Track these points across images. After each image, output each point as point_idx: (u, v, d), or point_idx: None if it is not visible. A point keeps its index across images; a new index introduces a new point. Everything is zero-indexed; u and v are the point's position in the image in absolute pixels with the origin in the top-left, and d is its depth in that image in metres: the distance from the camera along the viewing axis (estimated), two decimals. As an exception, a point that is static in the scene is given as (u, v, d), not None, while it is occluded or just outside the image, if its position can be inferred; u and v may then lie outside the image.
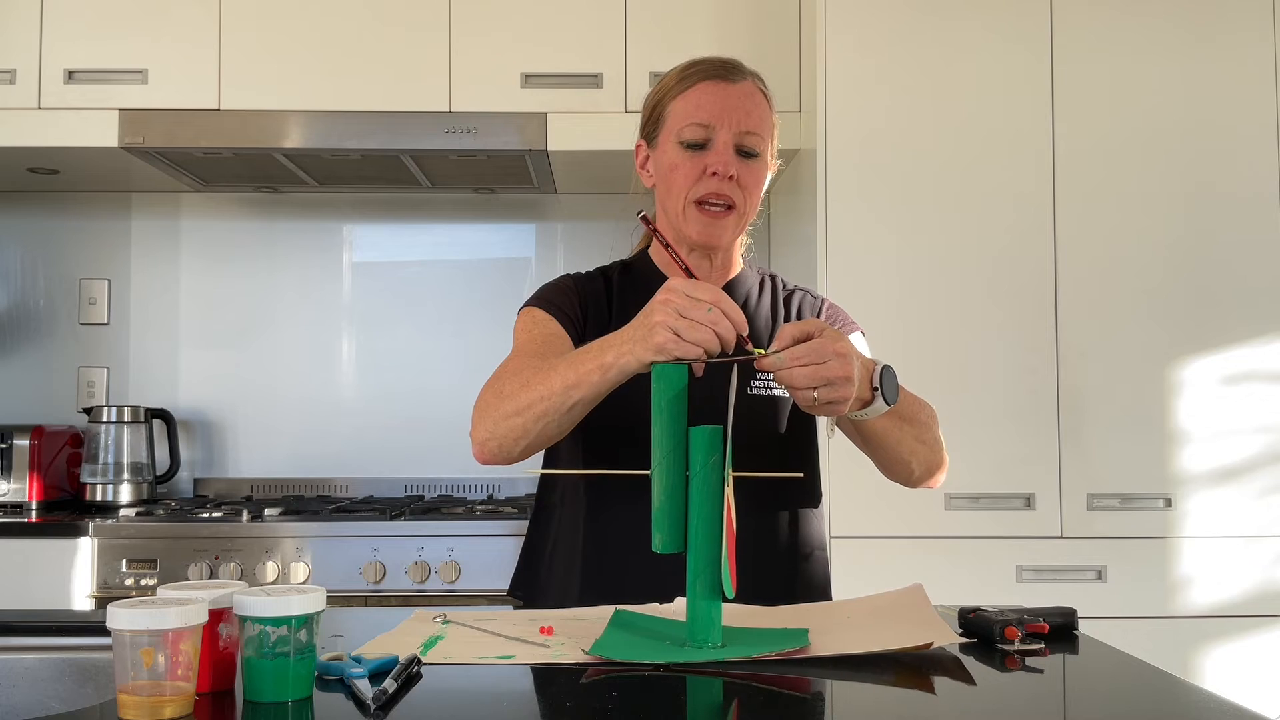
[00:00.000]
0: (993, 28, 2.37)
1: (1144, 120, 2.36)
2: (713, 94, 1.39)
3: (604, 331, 1.38)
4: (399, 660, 0.98)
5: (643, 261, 1.55)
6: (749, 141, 1.39)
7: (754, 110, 1.40)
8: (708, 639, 1.06)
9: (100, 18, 2.61)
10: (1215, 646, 2.26)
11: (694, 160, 1.39)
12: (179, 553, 2.37)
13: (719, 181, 1.38)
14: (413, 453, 3.00)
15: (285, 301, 3.04)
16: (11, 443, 2.68)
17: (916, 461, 1.41)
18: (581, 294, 1.48)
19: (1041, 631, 1.13)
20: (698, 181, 1.39)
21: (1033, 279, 2.34)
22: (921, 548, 2.28)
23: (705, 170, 1.39)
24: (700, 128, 1.39)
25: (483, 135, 2.58)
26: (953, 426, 2.31)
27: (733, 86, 1.40)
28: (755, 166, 1.41)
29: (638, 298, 1.49)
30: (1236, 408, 2.31)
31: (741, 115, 1.39)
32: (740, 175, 1.39)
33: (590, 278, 1.53)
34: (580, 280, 1.52)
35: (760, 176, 1.43)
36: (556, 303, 1.45)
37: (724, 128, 1.39)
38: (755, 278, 1.56)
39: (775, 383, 1.43)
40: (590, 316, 1.45)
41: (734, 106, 1.39)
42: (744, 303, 1.51)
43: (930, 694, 0.96)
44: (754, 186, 1.42)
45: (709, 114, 1.39)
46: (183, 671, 0.85)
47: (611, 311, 1.48)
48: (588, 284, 1.51)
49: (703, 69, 1.42)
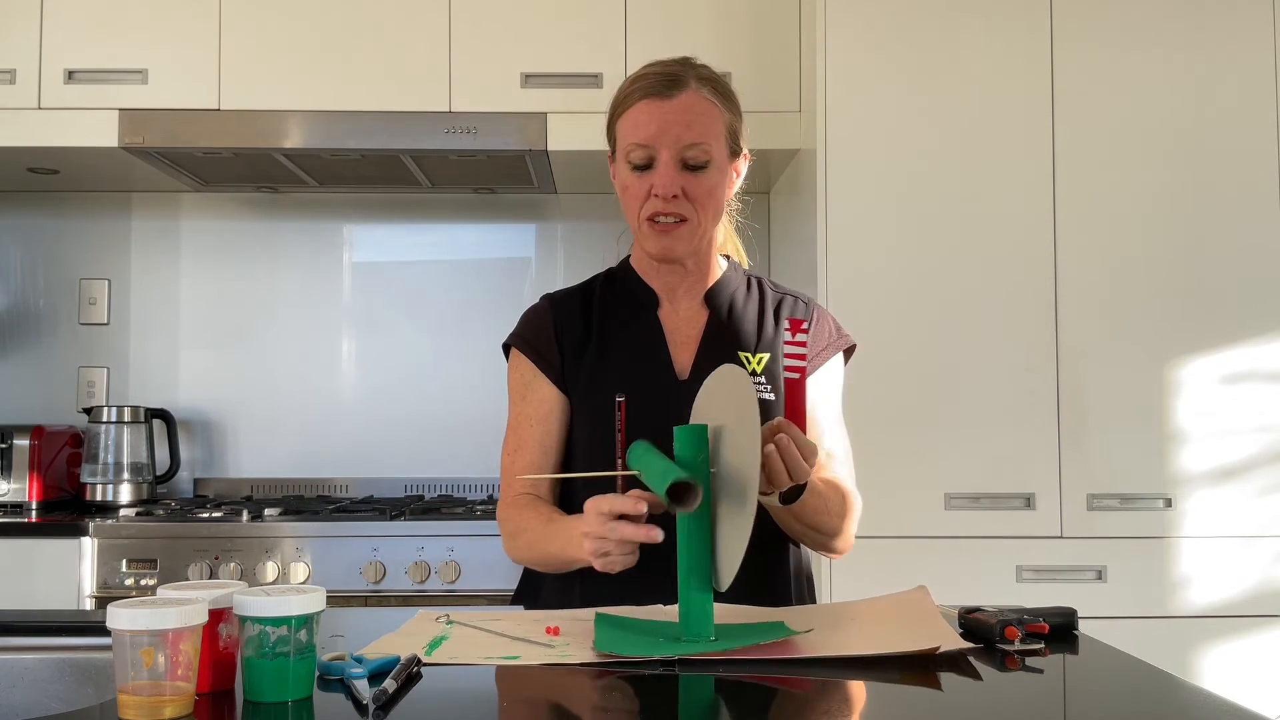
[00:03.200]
0: (993, 27, 2.36)
1: (1144, 119, 2.36)
2: (649, 113, 1.39)
3: (581, 354, 1.48)
4: (399, 660, 0.98)
5: (625, 270, 1.56)
6: (691, 155, 1.39)
7: (695, 122, 1.39)
8: (701, 632, 1.07)
9: (100, 18, 2.61)
10: (1215, 646, 2.26)
11: (641, 180, 1.41)
12: (179, 553, 2.37)
13: (664, 201, 1.40)
14: (413, 453, 2.99)
15: (285, 301, 3.04)
16: (11, 443, 2.68)
17: (807, 541, 1.48)
18: (556, 324, 1.51)
19: (1041, 631, 1.13)
20: (646, 200, 1.41)
21: (1033, 279, 2.34)
22: (921, 548, 2.28)
23: (650, 190, 1.40)
24: (641, 149, 1.40)
25: (483, 135, 2.58)
26: (953, 426, 2.32)
27: (668, 103, 1.39)
28: (703, 177, 1.41)
29: (618, 309, 1.52)
30: (1237, 407, 2.31)
31: (680, 130, 1.38)
32: (687, 189, 1.40)
33: (568, 297, 1.55)
34: (557, 304, 1.54)
35: (710, 184, 1.42)
36: (534, 344, 1.51)
37: (664, 147, 1.39)
38: (740, 280, 1.55)
39: (767, 386, 1.46)
40: (566, 344, 1.50)
41: (671, 123, 1.38)
42: (728, 306, 1.51)
43: (934, 691, 0.96)
44: (704, 197, 1.42)
45: (647, 134, 1.39)
46: (183, 671, 0.85)
47: (592, 329, 1.50)
48: (564, 306, 1.53)
49: (641, 86, 1.41)
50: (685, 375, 1.46)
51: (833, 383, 1.54)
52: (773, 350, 1.49)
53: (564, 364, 1.49)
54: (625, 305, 1.53)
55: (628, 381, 1.45)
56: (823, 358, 1.52)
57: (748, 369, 1.46)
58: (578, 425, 1.49)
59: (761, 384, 1.46)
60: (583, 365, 1.48)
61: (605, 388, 1.46)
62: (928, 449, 2.30)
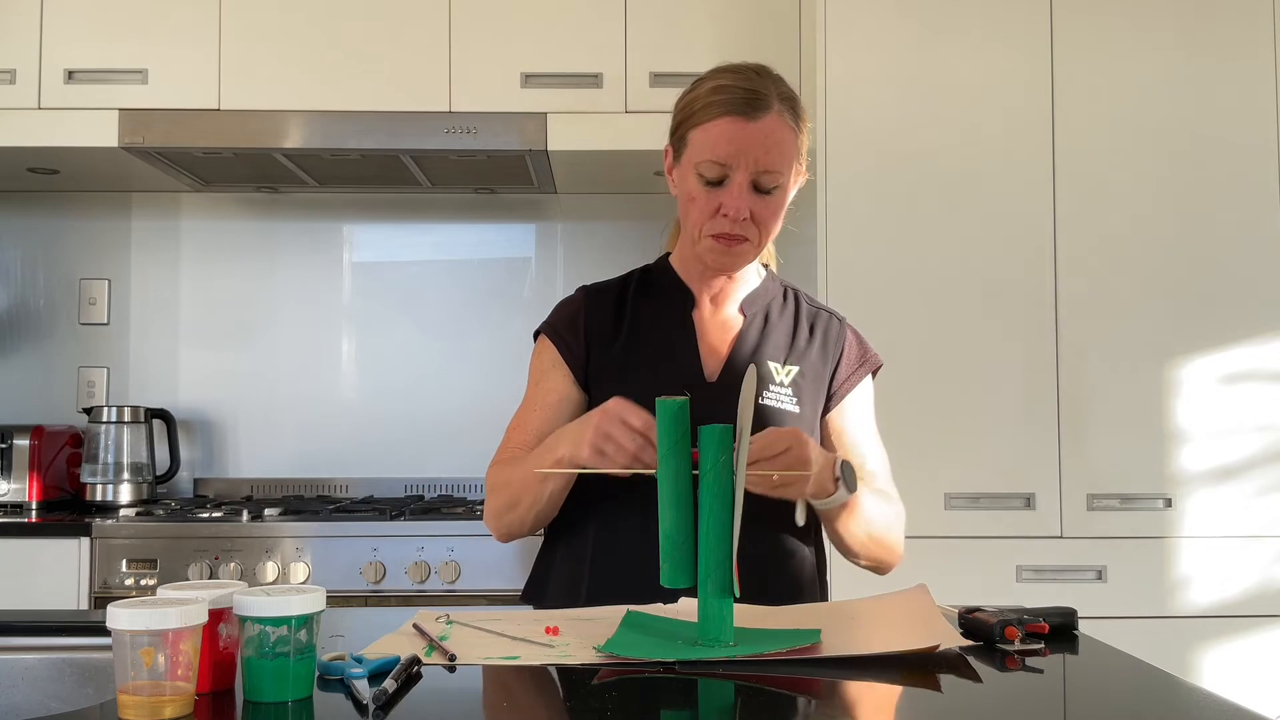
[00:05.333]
0: (993, 28, 2.36)
1: (1144, 120, 2.36)
2: (732, 132, 1.37)
3: (609, 350, 1.49)
4: (399, 660, 0.98)
5: (662, 269, 1.56)
6: (765, 180, 1.38)
7: (773, 148, 1.38)
8: (720, 637, 1.07)
9: (100, 18, 2.61)
10: (1215, 646, 2.26)
11: (710, 196, 1.40)
12: (179, 553, 2.37)
13: (731, 222, 1.39)
14: (413, 453, 2.99)
15: (285, 301, 3.04)
16: (11, 443, 2.68)
17: (865, 556, 1.49)
18: (587, 317, 1.51)
19: (1041, 631, 1.13)
20: (713, 218, 1.40)
21: (1033, 279, 2.34)
22: (921, 548, 2.27)
23: (720, 209, 1.39)
24: (717, 166, 1.38)
25: (483, 135, 2.58)
26: (953, 426, 2.31)
27: (752, 125, 1.37)
28: (772, 200, 1.41)
29: (653, 307, 1.53)
30: (1236, 407, 2.31)
31: (759, 154, 1.37)
32: (755, 212, 1.40)
33: (603, 291, 1.55)
34: (591, 297, 1.54)
35: (777, 208, 1.42)
36: (563, 333, 1.51)
37: (740, 169, 1.37)
38: (776, 291, 1.56)
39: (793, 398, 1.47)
40: (594, 338, 1.50)
41: (753, 145, 1.37)
42: (763, 315, 1.52)
43: (934, 692, 0.96)
44: (770, 219, 1.42)
45: (726, 153, 1.37)
46: (183, 671, 0.85)
47: (622, 325, 1.50)
48: (598, 299, 1.54)
49: (726, 100, 1.38)
50: (714, 378, 1.47)
51: (865, 403, 1.56)
52: (802, 364, 1.50)
53: (589, 358, 1.49)
54: (661, 303, 1.53)
55: (654, 378, 1.45)
56: (853, 381, 1.53)
57: (775, 378, 1.47)
58: None
59: (787, 395, 1.47)
60: (610, 358, 1.48)
61: (630, 381, 1.45)
62: (928, 449, 2.30)
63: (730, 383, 1.43)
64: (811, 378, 1.50)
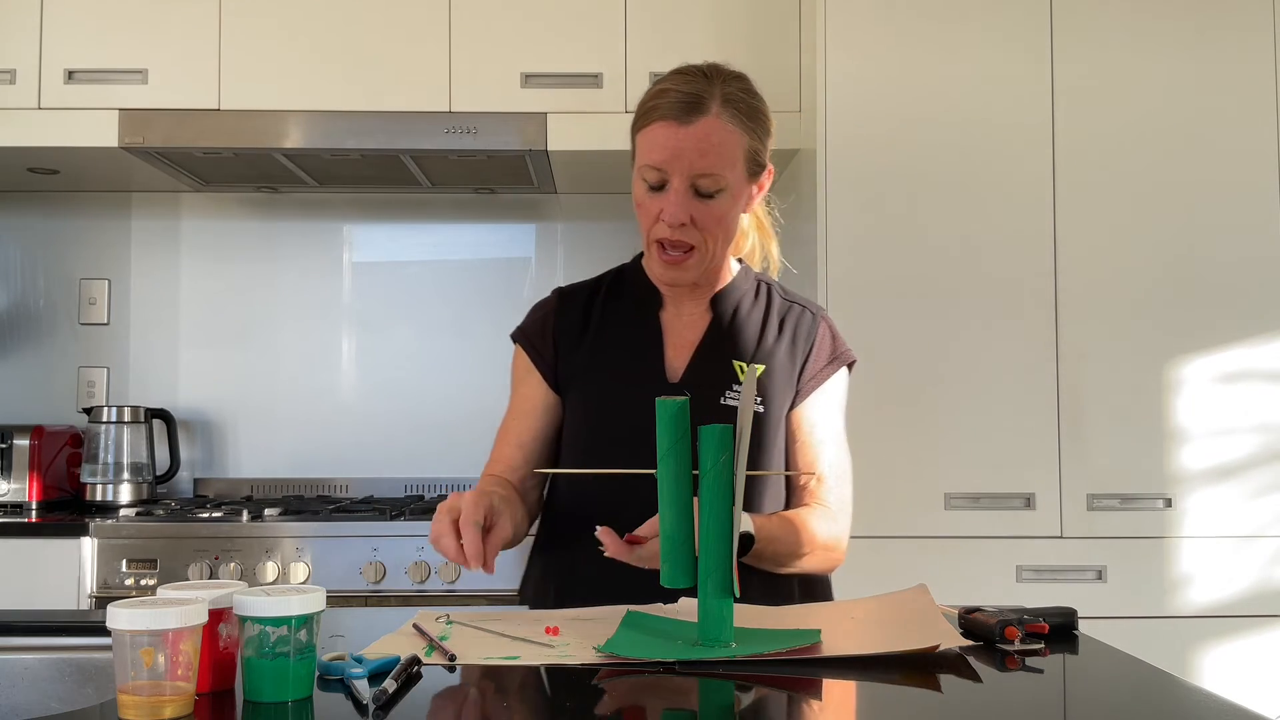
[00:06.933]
0: (993, 27, 2.36)
1: (1144, 119, 2.36)
2: (665, 137, 1.35)
3: (575, 353, 1.49)
4: (399, 660, 0.98)
5: (634, 269, 1.55)
6: (705, 184, 1.36)
7: (709, 152, 1.35)
8: (720, 638, 1.06)
9: (100, 18, 2.61)
10: (1215, 646, 2.26)
11: (653, 200, 1.39)
12: (179, 553, 2.37)
13: (670, 228, 1.38)
14: (413, 453, 3.00)
15: (285, 301, 3.04)
16: (11, 443, 2.68)
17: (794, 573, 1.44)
18: (558, 319, 1.52)
19: (1041, 631, 1.13)
20: (656, 223, 1.40)
21: (1033, 278, 2.34)
22: (921, 548, 2.28)
23: (660, 214, 1.39)
24: (655, 171, 1.37)
25: (483, 135, 2.58)
26: (953, 426, 2.31)
27: (685, 130, 1.35)
28: (714, 204, 1.38)
29: (621, 308, 1.52)
30: (1236, 407, 2.31)
31: (694, 158, 1.35)
32: (697, 217, 1.38)
33: (575, 293, 1.55)
34: (563, 299, 1.55)
35: (722, 212, 1.40)
36: (533, 339, 1.53)
37: (677, 174, 1.36)
38: (749, 286, 1.54)
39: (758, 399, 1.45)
40: (563, 340, 1.51)
41: (687, 150, 1.35)
42: (732, 313, 1.50)
43: (934, 693, 0.96)
44: (714, 224, 1.40)
45: (661, 159, 1.36)
46: (183, 671, 0.85)
47: (589, 327, 1.50)
48: (569, 301, 1.54)
49: (664, 105, 1.36)
50: (677, 378, 1.46)
51: (833, 401, 1.51)
52: (770, 362, 1.47)
53: (558, 360, 1.50)
54: (629, 303, 1.53)
55: (618, 380, 1.46)
56: (823, 376, 1.49)
57: (739, 378, 1.45)
58: (567, 420, 1.50)
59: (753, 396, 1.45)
60: (577, 361, 1.49)
61: (596, 383, 1.46)
62: (928, 449, 2.30)
63: (695, 382, 1.43)
64: (779, 376, 1.47)
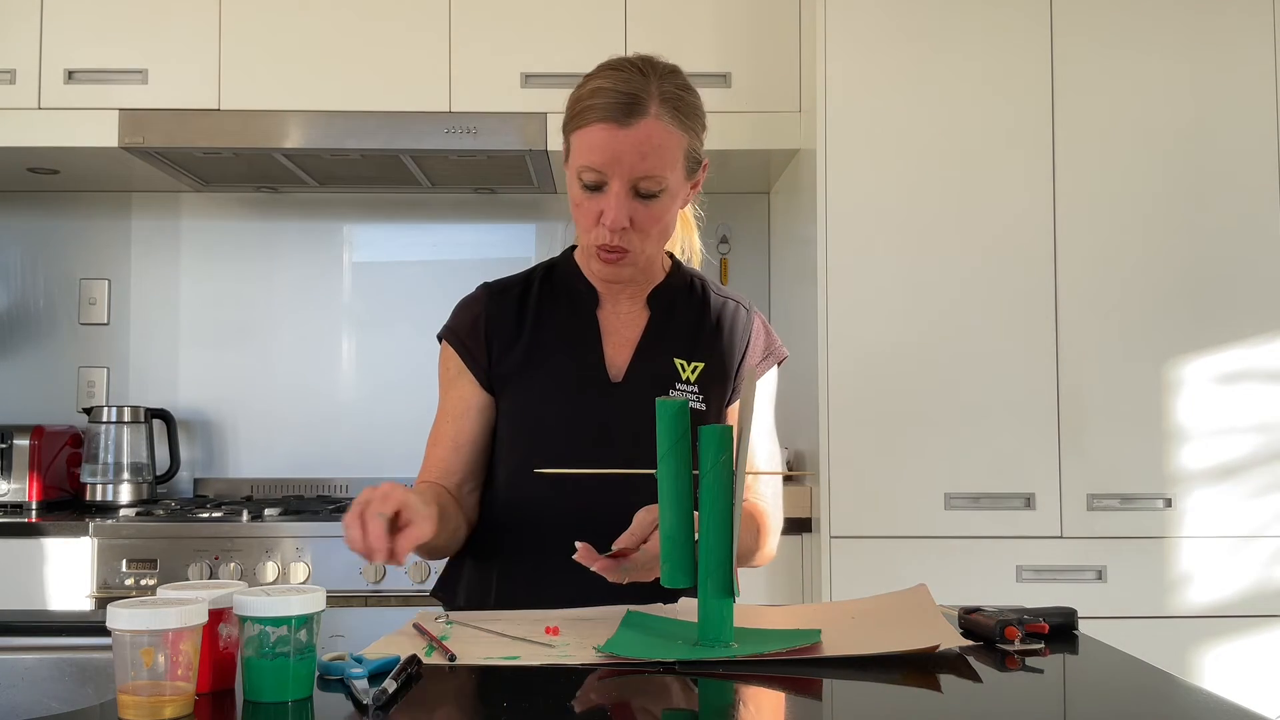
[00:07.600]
0: (993, 28, 2.36)
1: (1144, 120, 2.36)
2: (604, 139, 1.32)
3: (511, 353, 1.44)
4: (399, 660, 0.98)
5: (566, 263, 1.53)
6: (645, 185, 1.34)
7: (650, 154, 1.33)
8: (720, 637, 1.06)
9: (100, 18, 2.61)
10: (1215, 646, 2.26)
11: (592, 201, 1.37)
12: (179, 553, 2.37)
13: (610, 233, 1.36)
14: (413, 453, 2.95)
15: (285, 301, 3.04)
16: (11, 443, 2.68)
17: None
18: (489, 317, 1.48)
19: (1041, 631, 1.13)
20: (596, 226, 1.37)
21: (1033, 279, 2.34)
22: (921, 548, 2.28)
23: (600, 217, 1.36)
24: (594, 173, 1.34)
25: (483, 135, 2.58)
26: (953, 426, 2.31)
27: (624, 132, 1.32)
28: (655, 204, 1.37)
29: (557, 305, 1.49)
30: (1236, 407, 2.31)
31: (635, 161, 1.32)
32: (636, 218, 1.36)
33: (506, 289, 1.51)
34: (492, 296, 1.50)
35: (660, 212, 1.38)
36: (464, 339, 1.48)
37: (616, 177, 1.33)
38: (682, 282, 1.52)
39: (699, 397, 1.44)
40: (495, 340, 1.46)
41: (628, 153, 1.32)
42: (667, 309, 1.49)
43: (934, 692, 0.96)
44: (652, 224, 1.38)
45: (601, 161, 1.33)
46: (183, 671, 0.85)
47: (525, 326, 1.47)
48: (499, 298, 1.50)
49: (602, 105, 1.33)
50: (619, 378, 1.44)
51: (765, 395, 1.50)
52: (708, 359, 1.46)
53: (491, 362, 1.46)
54: (564, 300, 1.49)
55: (558, 381, 1.43)
56: (759, 372, 1.49)
57: (681, 376, 1.44)
58: (503, 422, 1.46)
59: (693, 393, 1.43)
60: (512, 361, 1.45)
61: (536, 386, 1.43)
62: (928, 449, 2.30)
63: (637, 381, 1.42)
64: (717, 372, 1.47)
